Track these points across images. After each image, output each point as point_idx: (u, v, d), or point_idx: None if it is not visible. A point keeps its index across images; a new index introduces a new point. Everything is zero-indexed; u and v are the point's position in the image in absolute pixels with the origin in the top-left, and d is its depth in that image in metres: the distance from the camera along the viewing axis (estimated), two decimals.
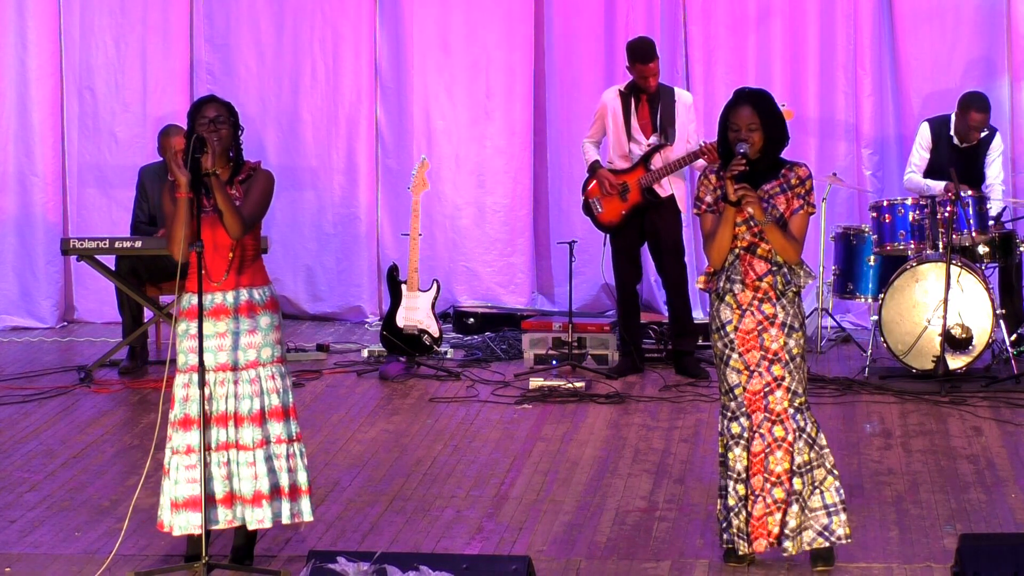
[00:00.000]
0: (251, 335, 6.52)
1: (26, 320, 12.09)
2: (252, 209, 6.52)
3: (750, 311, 6.55)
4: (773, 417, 6.55)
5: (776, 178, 6.56)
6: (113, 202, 12.04)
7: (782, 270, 6.54)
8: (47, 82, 12.04)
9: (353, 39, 12.09)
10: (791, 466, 6.54)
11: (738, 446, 6.59)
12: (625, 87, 10.20)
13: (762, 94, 6.61)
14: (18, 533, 7.24)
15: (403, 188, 11.56)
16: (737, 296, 6.56)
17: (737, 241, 6.55)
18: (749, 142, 6.49)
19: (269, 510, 6.51)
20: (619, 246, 10.25)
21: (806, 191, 6.55)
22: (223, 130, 6.50)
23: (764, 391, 6.55)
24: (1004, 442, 8.62)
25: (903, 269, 9.94)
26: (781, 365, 6.54)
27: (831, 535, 6.59)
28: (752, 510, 6.58)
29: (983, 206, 10.01)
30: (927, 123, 10.62)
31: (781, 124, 6.59)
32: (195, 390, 6.44)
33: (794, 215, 6.54)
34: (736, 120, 6.52)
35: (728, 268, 6.58)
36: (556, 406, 9.51)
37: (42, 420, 9.26)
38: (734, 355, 6.57)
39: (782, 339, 6.53)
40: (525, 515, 7.46)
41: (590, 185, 10.23)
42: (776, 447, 6.54)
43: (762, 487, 6.55)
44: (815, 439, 6.58)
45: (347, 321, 12.20)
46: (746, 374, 6.57)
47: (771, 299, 6.54)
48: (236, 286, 6.53)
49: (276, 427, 6.56)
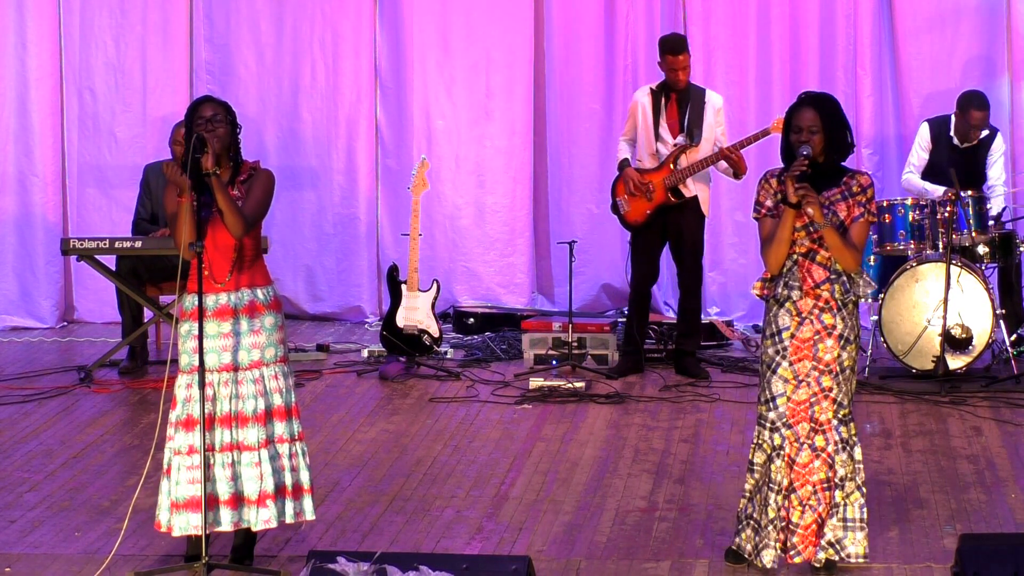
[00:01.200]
0: (255, 335, 6.52)
1: (26, 320, 12.09)
2: (254, 209, 6.52)
3: (809, 320, 6.48)
4: (816, 427, 6.48)
5: (838, 185, 6.52)
6: (113, 202, 12.04)
7: (841, 278, 6.48)
8: (47, 82, 12.04)
9: (353, 39, 12.09)
10: (827, 476, 6.49)
11: (779, 457, 6.51)
12: (657, 86, 10.21)
13: (827, 97, 6.57)
14: (18, 533, 7.24)
15: (403, 188, 11.56)
16: (797, 303, 6.49)
17: (796, 247, 6.48)
18: (810, 144, 6.47)
19: (274, 510, 6.51)
20: (640, 246, 10.24)
21: (867, 199, 6.50)
22: (220, 129, 6.49)
23: (810, 401, 6.49)
24: (1004, 442, 8.62)
25: (903, 269, 9.94)
26: (831, 376, 6.47)
27: (841, 550, 6.53)
28: (800, 520, 6.52)
29: (983, 206, 10.01)
30: (927, 123, 10.62)
31: (845, 129, 6.54)
32: (197, 390, 6.44)
33: (855, 222, 6.47)
34: (798, 122, 6.49)
35: (786, 274, 6.51)
36: (556, 406, 9.51)
37: (42, 420, 9.25)
38: (784, 363, 6.50)
39: (837, 351, 6.47)
40: (525, 515, 7.46)
41: (618, 184, 10.24)
42: (815, 457, 6.49)
43: (810, 497, 6.50)
44: (852, 452, 6.54)
45: (347, 321, 12.19)
46: (793, 384, 6.50)
47: (832, 309, 6.47)
48: (238, 287, 6.53)
49: (279, 426, 6.56)
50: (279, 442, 6.55)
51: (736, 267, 11.94)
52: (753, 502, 6.60)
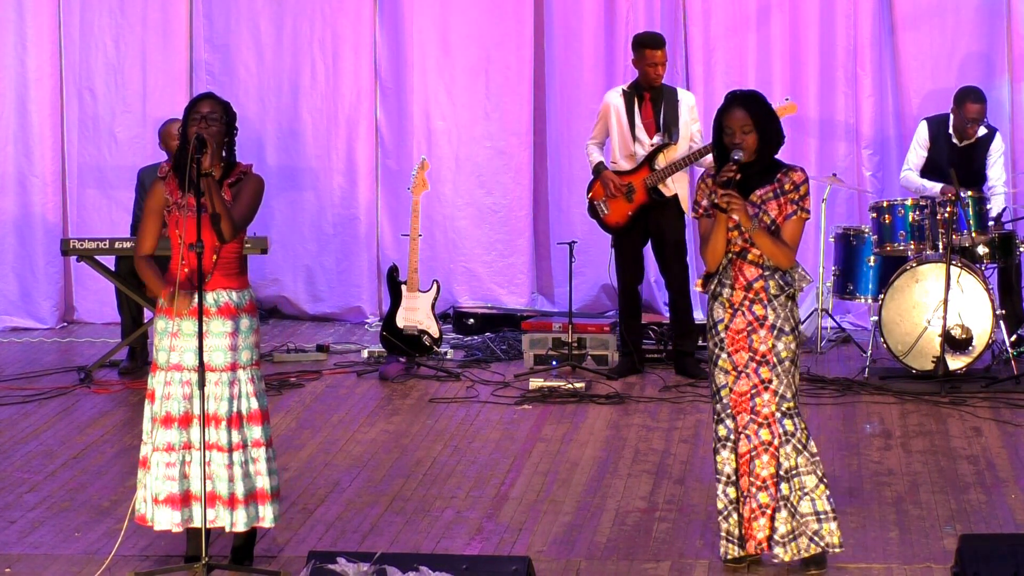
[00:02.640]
0: (231, 337, 6.51)
1: (26, 320, 12.09)
2: (242, 213, 6.52)
3: (741, 311, 6.55)
4: (760, 420, 6.54)
5: (771, 183, 6.53)
6: (113, 203, 12.04)
7: (775, 274, 6.53)
8: (47, 83, 12.04)
9: (353, 39, 12.09)
10: (776, 471, 6.53)
11: (725, 448, 6.59)
12: (628, 87, 10.20)
13: (754, 95, 6.58)
14: (18, 533, 7.24)
15: (403, 189, 11.56)
16: (729, 298, 6.56)
17: (730, 246, 6.55)
18: (743, 145, 6.47)
19: (244, 514, 6.49)
20: (623, 247, 10.24)
21: (800, 196, 6.52)
22: (213, 127, 6.47)
23: (751, 393, 6.54)
24: (1004, 443, 8.62)
25: (903, 270, 9.94)
26: (768, 368, 6.53)
27: (821, 540, 6.56)
28: (743, 512, 6.58)
29: (983, 206, 10.01)
30: (925, 121, 10.63)
31: (775, 124, 6.56)
32: (176, 388, 6.46)
33: (787, 220, 6.51)
34: (729, 123, 6.50)
35: (721, 272, 6.58)
36: (556, 407, 9.51)
37: (42, 421, 9.25)
38: (723, 355, 6.58)
39: (771, 341, 6.52)
40: (525, 516, 7.46)
41: (594, 187, 10.22)
42: (763, 450, 6.53)
43: (748, 489, 6.55)
44: (805, 445, 6.54)
45: (347, 321, 12.19)
46: (733, 375, 6.57)
47: (762, 300, 6.53)
48: (214, 287, 6.52)
49: (255, 431, 6.54)
50: (254, 446, 6.53)
51: None
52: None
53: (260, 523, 6.56)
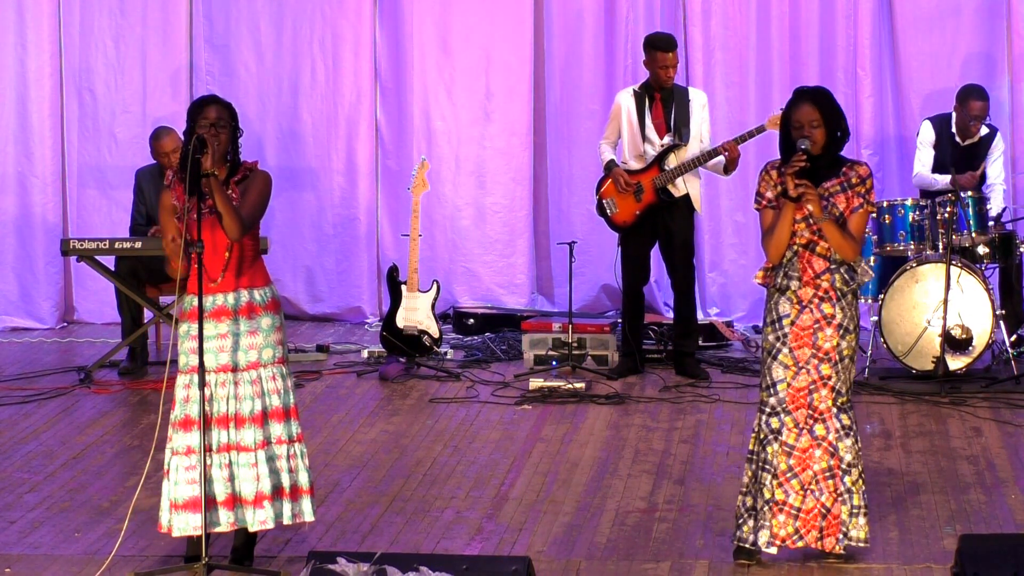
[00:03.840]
0: (252, 336, 6.53)
1: (26, 321, 12.08)
2: (250, 210, 6.52)
3: (809, 308, 6.58)
4: (816, 415, 6.59)
5: (837, 176, 6.60)
6: (113, 203, 12.03)
7: (841, 268, 6.57)
8: (47, 83, 12.03)
9: (353, 39, 12.09)
10: (829, 464, 6.57)
11: (776, 441, 6.60)
12: (639, 87, 10.19)
13: (823, 91, 6.66)
14: (18, 534, 7.24)
15: (403, 189, 11.56)
16: (797, 292, 6.58)
17: (796, 238, 6.58)
18: (812, 139, 6.52)
19: (271, 511, 6.51)
20: (630, 247, 10.23)
21: (866, 190, 6.58)
22: (223, 135, 6.49)
23: (809, 388, 6.58)
24: (1004, 443, 8.62)
25: (903, 270, 9.94)
26: (830, 365, 6.57)
27: (845, 537, 6.59)
28: (803, 505, 6.59)
29: (983, 207, 10.02)
30: (928, 121, 10.64)
31: (842, 120, 6.63)
32: (196, 391, 6.45)
33: (853, 213, 6.56)
34: (798, 117, 6.56)
35: (786, 265, 6.61)
36: (556, 407, 9.51)
37: (42, 421, 9.25)
38: (784, 349, 6.60)
39: (836, 339, 6.57)
40: (525, 516, 7.46)
41: (605, 185, 10.22)
42: (816, 445, 6.57)
43: (811, 482, 6.57)
44: (857, 439, 6.62)
45: (347, 322, 12.19)
46: (793, 370, 6.59)
47: (831, 299, 6.57)
48: (236, 287, 6.53)
49: (277, 428, 6.56)
50: (277, 443, 6.55)
51: (736, 267, 11.93)
52: (751, 492, 6.65)
53: (299, 519, 6.57)
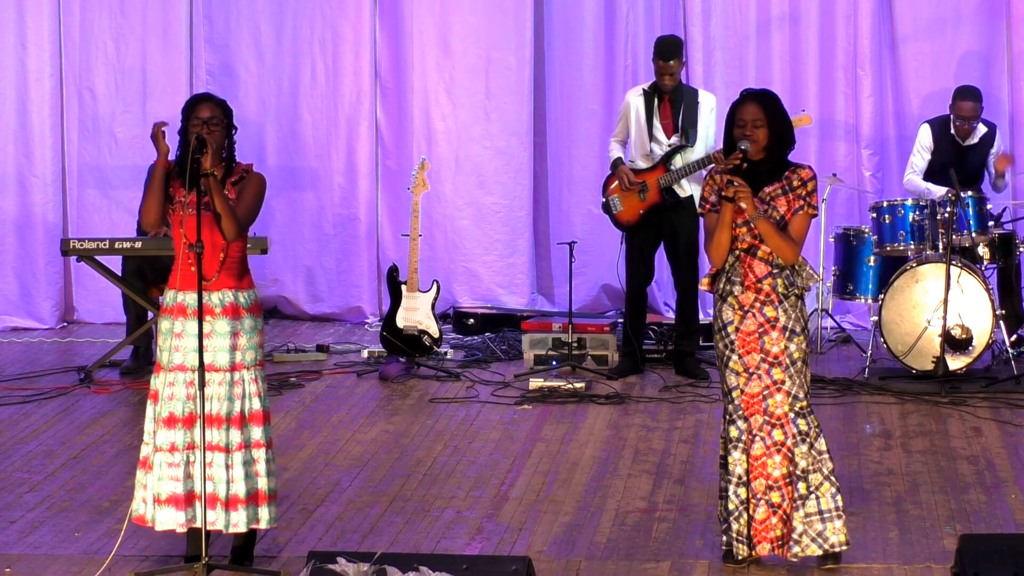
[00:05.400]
0: (235, 337, 6.51)
1: (26, 320, 12.09)
2: (246, 212, 6.52)
3: (751, 313, 6.55)
4: (773, 421, 6.55)
5: (779, 180, 6.58)
6: (113, 203, 12.04)
7: (784, 272, 6.55)
8: (47, 83, 12.04)
9: (353, 39, 12.09)
10: (789, 471, 6.54)
11: (737, 449, 6.59)
12: (649, 86, 10.20)
13: (769, 94, 6.66)
14: (18, 534, 7.24)
15: (403, 189, 11.56)
16: (739, 297, 6.57)
17: (738, 243, 6.56)
18: (753, 139, 6.52)
19: (244, 514, 6.49)
20: (635, 246, 10.23)
21: (807, 192, 6.55)
22: (216, 133, 6.49)
23: (763, 394, 6.55)
24: (1004, 443, 8.62)
25: (903, 270, 9.94)
26: (781, 369, 6.54)
27: (824, 542, 6.57)
28: (754, 514, 6.57)
29: (983, 207, 10.02)
30: (927, 124, 10.63)
31: (787, 124, 6.61)
32: (179, 388, 6.46)
33: (794, 215, 6.54)
34: (742, 115, 6.55)
35: (729, 270, 6.59)
36: (556, 407, 9.51)
37: (42, 421, 9.25)
38: (734, 356, 6.58)
39: (783, 343, 6.53)
40: (525, 516, 7.46)
41: (611, 183, 10.22)
42: (775, 451, 6.54)
43: (763, 491, 6.55)
44: (814, 444, 6.57)
45: (347, 322, 12.19)
46: (744, 376, 6.57)
47: (773, 302, 6.54)
48: (220, 287, 6.52)
49: (256, 431, 6.54)
50: (255, 447, 6.54)
51: None
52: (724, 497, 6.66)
53: (257, 525, 6.56)
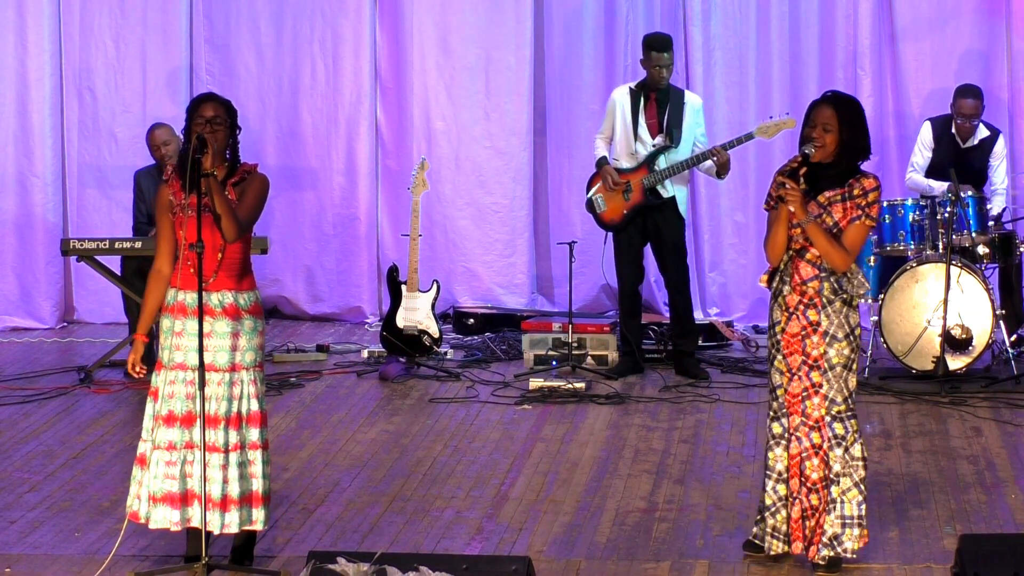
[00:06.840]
0: (235, 338, 6.51)
1: (26, 320, 12.08)
2: (247, 213, 6.52)
3: (796, 315, 6.55)
4: (810, 423, 6.55)
5: (842, 186, 6.52)
6: (113, 203, 12.04)
7: (832, 277, 6.51)
8: (47, 83, 12.03)
9: (353, 39, 12.09)
10: (825, 474, 6.55)
11: (779, 446, 6.61)
12: (635, 85, 10.19)
13: (848, 99, 6.60)
14: (18, 534, 7.25)
15: (403, 189, 11.56)
16: (786, 298, 6.57)
17: (792, 243, 6.55)
18: (820, 143, 6.48)
19: (237, 515, 6.48)
20: (621, 246, 10.24)
21: (867, 203, 6.48)
22: (219, 132, 6.48)
23: (802, 395, 6.56)
24: (1004, 443, 8.62)
25: (903, 270, 9.94)
26: (819, 372, 6.53)
27: (839, 545, 6.57)
28: (791, 512, 6.60)
29: (983, 206, 10.02)
30: (929, 122, 10.63)
31: (861, 133, 6.53)
32: (179, 387, 6.46)
33: (850, 224, 6.49)
34: (814, 116, 6.53)
35: (783, 269, 6.59)
36: (556, 407, 9.51)
37: (42, 420, 9.25)
38: (779, 356, 6.60)
39: (823, 347, 6.51)
40: (525, 516, 7.46)
41: (595, 182, 10.22)
42: (812, 453, 6.55)
43: (799, 490, 6.57)
44: (849, 448, 6.55)
45: (347, 322, 12.19)
46: (787, 376, 6.58)
47: (816, 305, 6.52)
48: (220, 288, 6.52)
49: (253, 433, 6.54)
50: (251, 448, 6.53)
51: (736, 267, 11.94)
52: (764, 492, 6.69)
53: (251, 526, 6.55)
